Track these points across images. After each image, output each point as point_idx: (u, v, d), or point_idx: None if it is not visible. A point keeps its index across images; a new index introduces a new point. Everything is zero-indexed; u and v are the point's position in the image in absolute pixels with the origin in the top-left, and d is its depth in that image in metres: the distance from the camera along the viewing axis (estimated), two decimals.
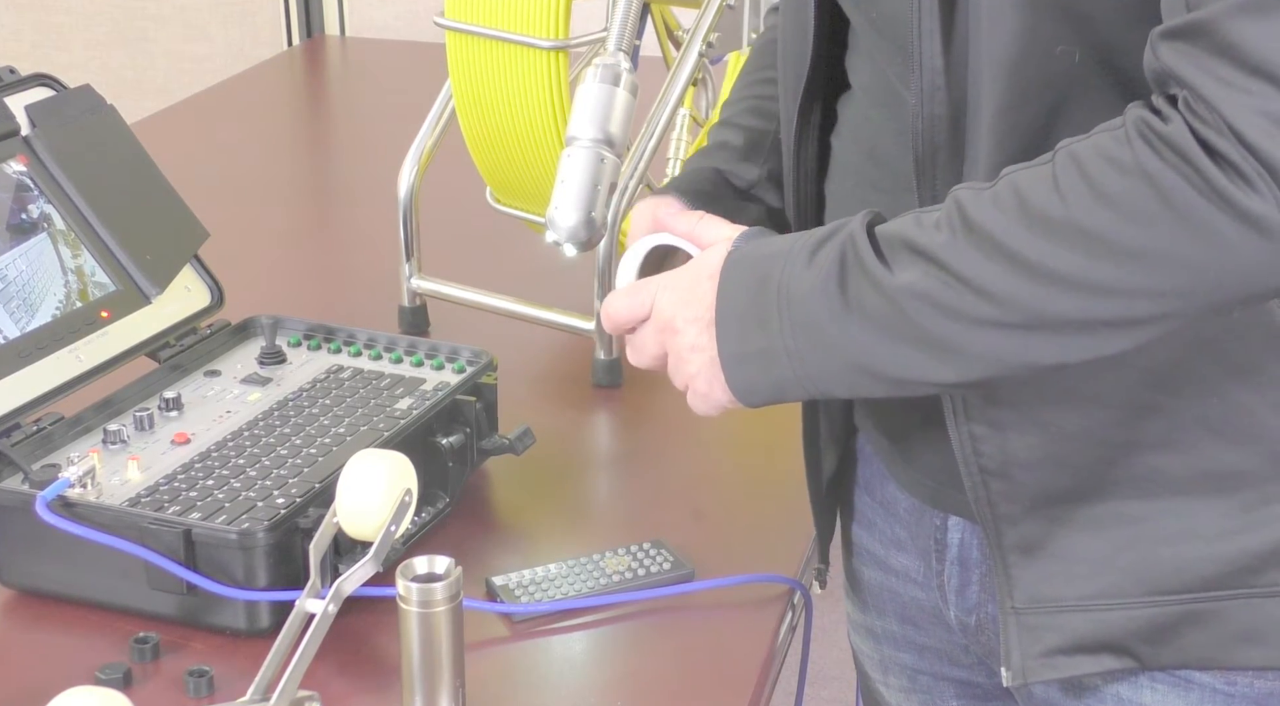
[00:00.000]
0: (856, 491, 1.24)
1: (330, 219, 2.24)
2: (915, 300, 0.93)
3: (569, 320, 1.66)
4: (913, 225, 0.95)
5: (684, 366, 1.04)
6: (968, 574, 1.12)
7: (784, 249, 1.00)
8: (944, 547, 1.13)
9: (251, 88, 2.81)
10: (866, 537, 1.24)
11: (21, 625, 1.24)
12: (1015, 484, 1.03)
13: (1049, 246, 0.89)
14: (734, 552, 1.32)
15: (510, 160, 1.65)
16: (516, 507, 1.42)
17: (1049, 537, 1.04)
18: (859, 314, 0.95)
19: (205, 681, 1.14)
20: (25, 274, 1.36)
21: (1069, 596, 1.05)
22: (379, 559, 1.09)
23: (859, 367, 0.96)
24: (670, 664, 1.20)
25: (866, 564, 1.24)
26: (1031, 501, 1.04)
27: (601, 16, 1.66)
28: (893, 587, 1.21)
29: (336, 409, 1.37)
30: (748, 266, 1.01)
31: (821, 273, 0.96)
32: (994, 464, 1.03)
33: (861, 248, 0.95)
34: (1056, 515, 1.04)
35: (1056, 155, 0.91)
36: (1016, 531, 1.05)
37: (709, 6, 1.65)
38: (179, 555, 1.17)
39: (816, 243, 0.98)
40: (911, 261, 0.93)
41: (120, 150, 1.51)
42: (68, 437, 1.31)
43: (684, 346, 1.03)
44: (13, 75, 1.47)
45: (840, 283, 0.95)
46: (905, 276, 0.93)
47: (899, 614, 1.22)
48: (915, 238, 0.94)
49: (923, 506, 1.14)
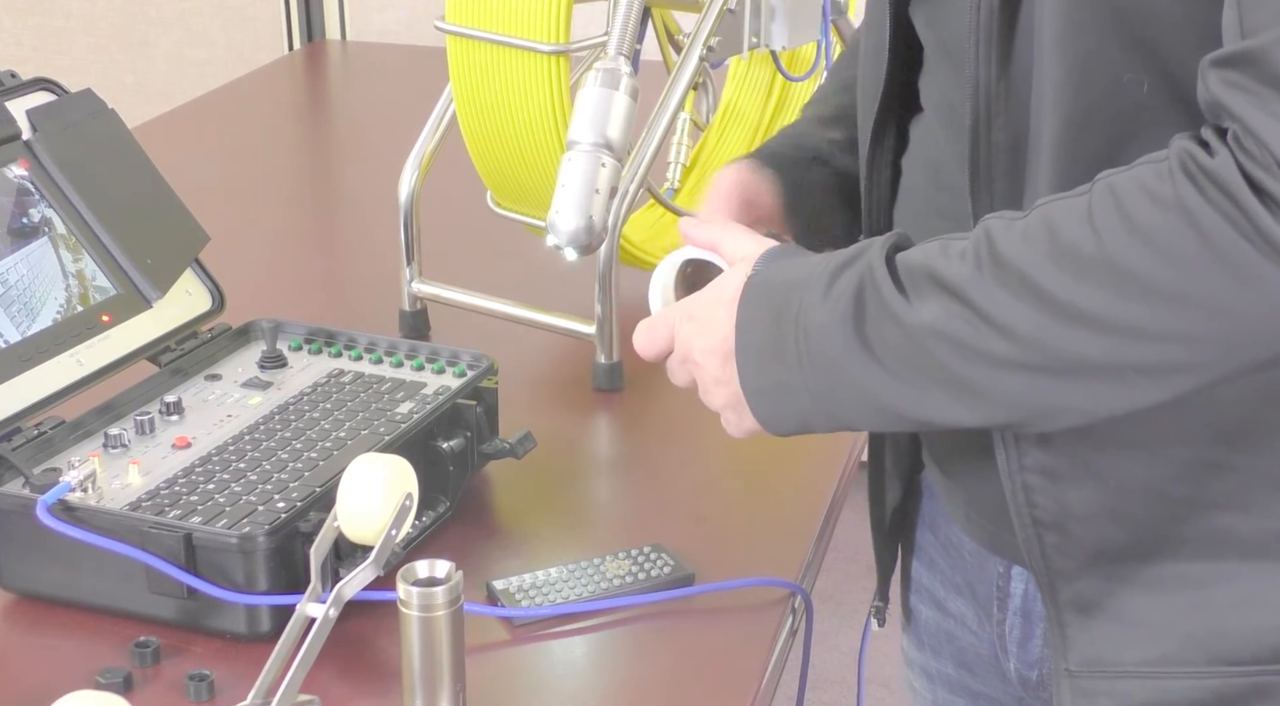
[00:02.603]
0: (920, 528, 1.20)
1: (331, 223, 2.24)
2: (936, 338, 0.89)
3: (570, 324, 1.66)
4: (938, 254, 0.90)
5: (711, 398, 1.03)
6: (1030, 626, 1.08)
7: (802, 276, 0.96)
8: (1006, 597, 1.09)
9: (252, 92, 2.81)
10: (927, 576, 1.20)
11: (22, 629, 1.24)
12: (1071, 538, 0.98)
13: (1077, 284, 0.85)
14: (735, 556, 1.32)
15: (511, 164, 1.65)
16: (517, 511, 1.42)
17: (1107, 596, 0.99)
18: (878, 351, 0.91)
19: (206, 685, 1.14)
20: (26, 278, 1.36)
21: (1127, 661, 0.99)
22: (379, 563, 1.09)
23: (879, 406, 0.93)
24: (671, 668, 1.20)
25: (925, 602, 1.21)
26: (1088, 557, 0.99)
27: (602, 21, 1.66)
28: (949, 630, 1.18)
29: (337, 413, 1.37)
30: (766, 294, 0.97)
31: (838, 305, 0.92)
32: (1048, 516, 0.98)
33: (880, 279, 0.91)
34: (1115, 573, 0.98)
35: (1094, 187, 0.86)
36: (1072, 588, 0.99)
37: (709, 11, 1.65)
38: (180, 559, 1.17)
39: (835, 269, 0.94)
40: (934, 295, 0.89)
41: (121, 154, 1.51)
42: (68, 441, 1.31)
43: (708, 379, 1.01)
44: (14, 79, 1.47)
45: (857, 317, 0.91)
46: (926, 312, 0.89)
47: (955, 657, 1.19)
48: (939, 269, 0.89)
49: (985, 552, 1.10)
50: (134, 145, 1.52)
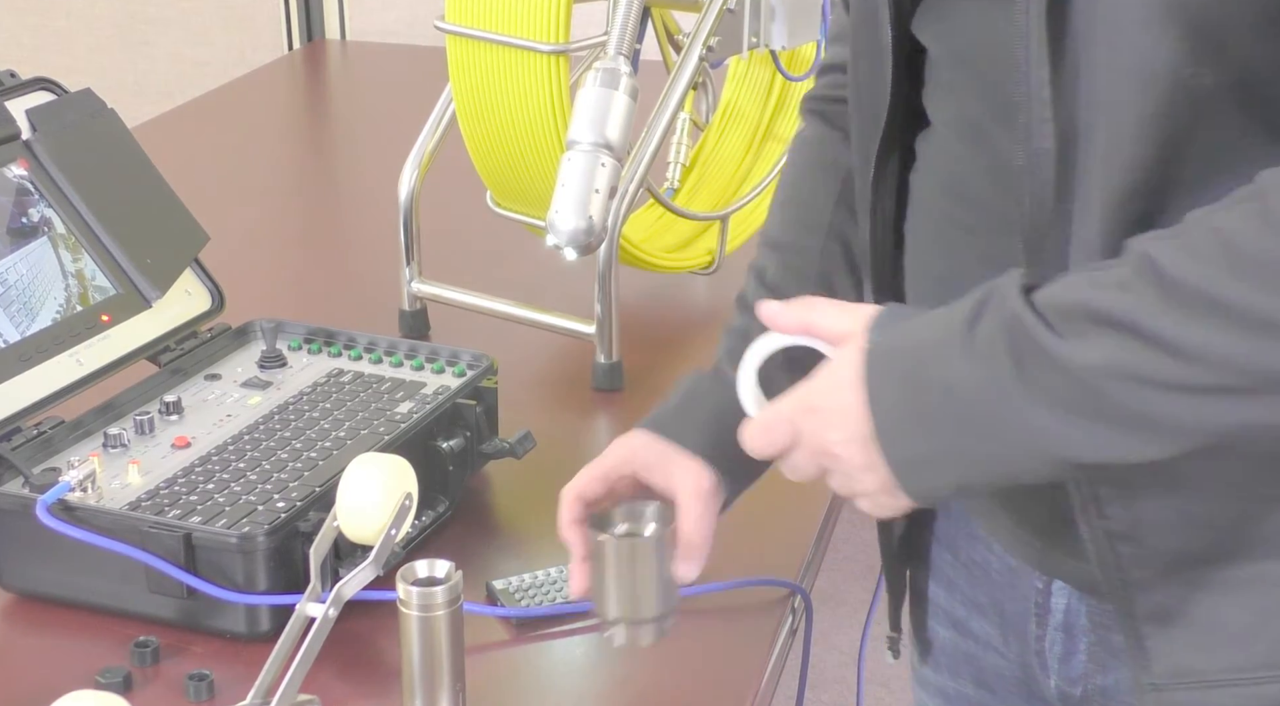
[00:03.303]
0: (935, 548, 1.17)
1: (331, 222, 2.24)
2: (1111, 377, 0.84)
3: (569, 324, 1.66)
4: (1088, 289, 0.86)
5: (856, 485, 0.95)
6: (1073, 642, 1.05)
7: (931, 338, 0.90)
8: (1046, 612, 1.06)
9: (252, 92, 2.81)
10: (944, 597, 1.17)
11: (22, 629, 1.24)
12: (1147, 547, 0.95)
13: (1264, 294, 0.80)
14: (734, 556, 1.32)
15: (511, 164, 1.65)
16: (517, 511, 1.42)
17: (1188, 604, 0.95)
18: (1044, 402, 0.86)
19: (205, 685, 1.14)
20: (26, 278, 1.36)
21: (1215, 669, 0.96)
22: (379, 563, 1.09)
23: (1049, 458, 0.88)
24: (670, 667, 1.20)
25: (942, 623, 1.18)
26: (1166, 565, 0.95)
27: (602, 20, 1.66)
28: (969, 651, 1.16)
29: (337, 412, 1.37)
30: (892, 364, 0.92)
31: (988, 362, 0.87)
32: (1122, 526, 0.95)
33: (1031, 326, 0.86)
34: (1195, 579, 0.95)
35: (1264, 189, 0.82)
36: (1150, 599, 0.96)
37: (709, 10, 1.65)
38: (179, 559, 1.17)
39: (967, 322, 0.89)
40: (1097, 333, 0.84)
41: (121, 154, 1.51)
42: (68, 441, 1.31)
43: (852, 469, 0.94)
44: (13, 79, 1.47)
45: (1016, 371, 0.86)
46: (1093, 351, 0.84)
47: (974, 678, 1.17)
48: (1098, 304, 0.84)
49: (1020, 569, 1.07)
50: (134, 145, 1.52)
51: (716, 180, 1.93)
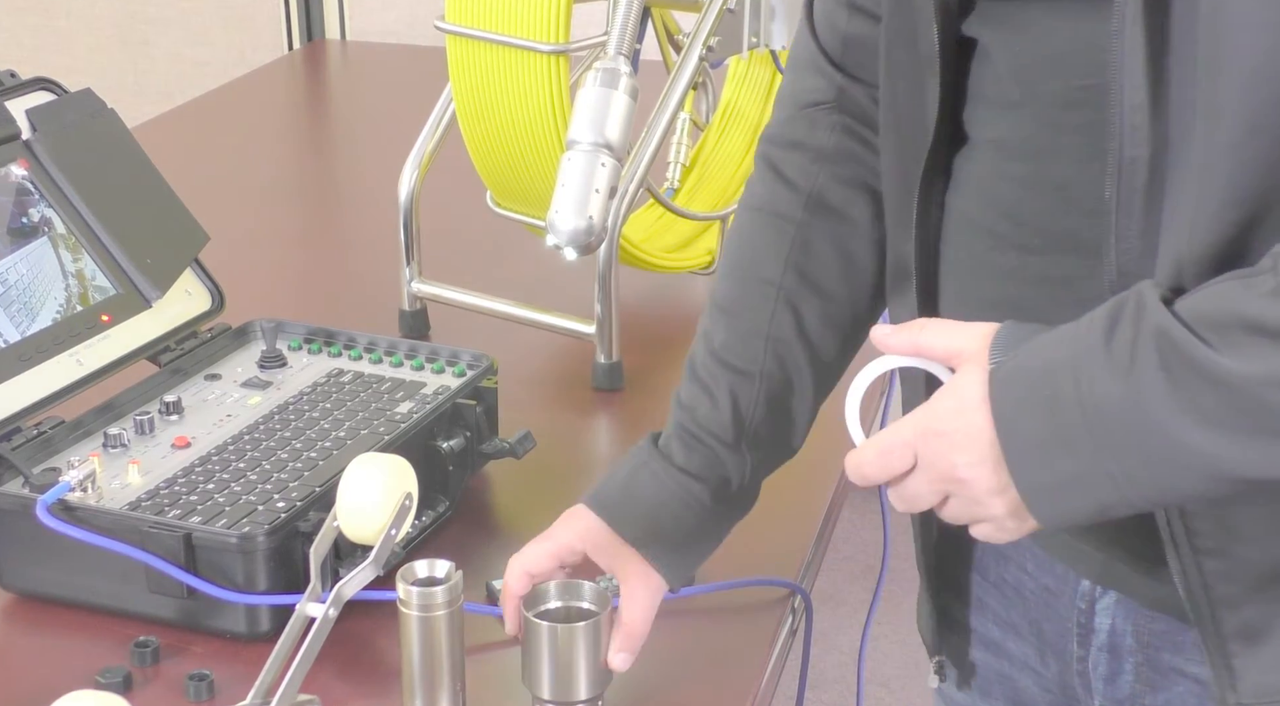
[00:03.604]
0: (968, 571, 1.15)
1: (331, 222, 2.25)
2: (1273, 388, 0.81)
3: (569, 324, 1.66)
4: (1238, 298, 0.82)
5: (981, 510, 0.91)
6: (1119, 662, 1.04)
7: (1065, 355, 0.86)
8: (1089, 632, 1.05)
9: (252, 92, 2.81)
10: (976, 619, 1.16)
11: (22, 629, 1.24)
12: (1236, 562, 0.92)
13: None
14: (734, 556, 1.32)
15: (511, 164, 1.66)
16: (517, 511, 1.42)
17: (1276, 619, 0.93)
18: (1200, 417, 0.82)
19: (205, 685, 1.14)
20: (26, 278, 1.36)
21: None
22: (379, 563, 1.09)
23: (1208, 476, 0.84)
24: (670, 667, 1.20)
25: (974, 646, 1.17)
26: (1255, 580, 0.93)
27: (602, 20, 1.66)
28: (1004, 672, 1.15)
29: (337, 412, 1.37)
30: (1023, 384, 0.88)
31: (1134, 378, 0.84)
32: (1211, 542, 0.92)
33: (1182, 338, 0.82)
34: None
35: None
36: (1237, 617, 0.93)
37: (709, 10, 1.65)
38: (179, 559, 1.18)
39: (1104, 338, 0.85)
40: (1254, 343, 0.81)
41: (121, 154, 1.51)
42: (68, 441, 1.31)
43: (981, 493, 0.90)
44: (13, 79, 1.47)
45: (1168, 386, 0.83)
46: (1252, 363, 0.81)
47: (1009, 698, 1.15)
48: (1252, 313, 0.81)
49: (1059, 589, 1.06)
50: (134, 145, 1.52)
51: (716, 180, 1.93)
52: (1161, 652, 1.02)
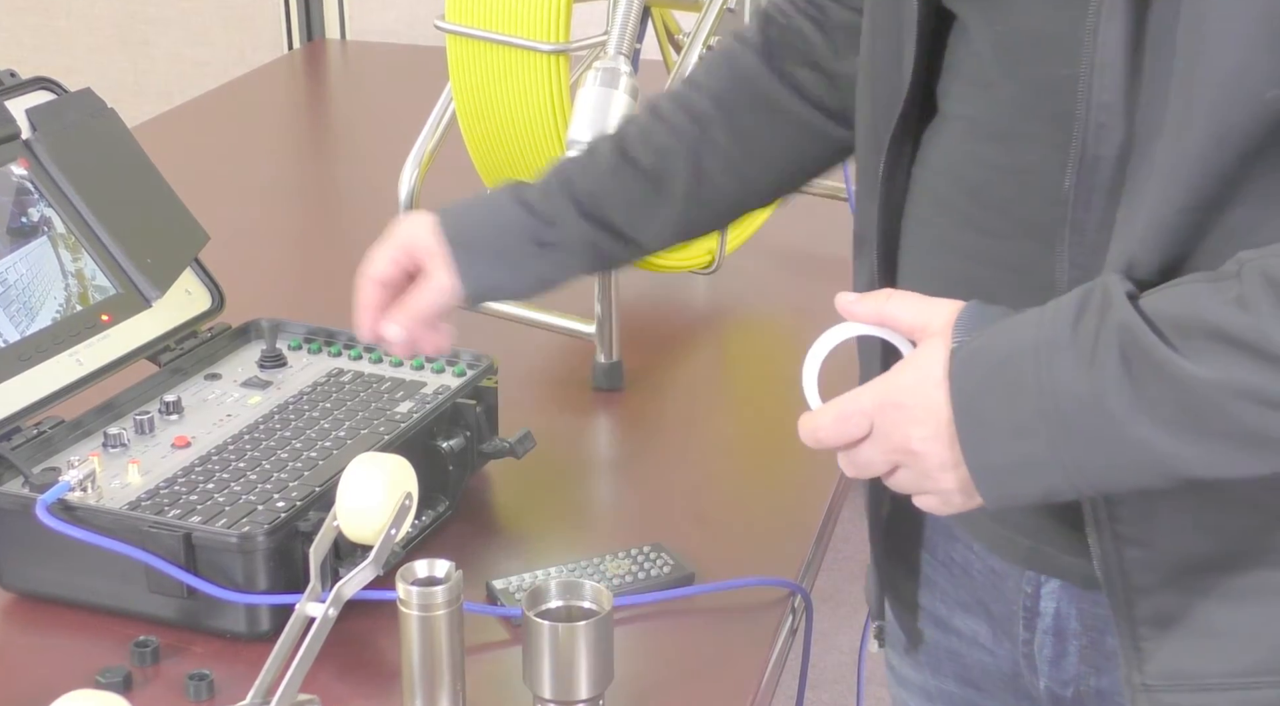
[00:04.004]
0: (920, 552, 1.16)
1: (331, 222, 2.24)
2: (1230, 395, 0.83)
3: (569, 323, 1.66)
4: (1205, 302, 0.84)
5: (929, 483, 0.93)
6: (1064, 645, 1.05)
7: (1029, 342, 0.88)
8: (1035, 616, 1.06)
9: (252, 91, 2.81)
10: (926, 597, 1.17)
11: (21, 628, 1.24)
12: (1155, 552, 0.95)
13: None
14: (735, 556, 1.32)
15: (511, 164, 1.65)
16: (517, 511, 1.42)
17: (1188, 609, 0.95)
18: (1155, 415, 0.84)
19: (205, 685, 1.14)
20: (26, 277, 1.36)
21: (1212, 673, 0.95)
22: (379, 562, 1.09)
23: (1158, 473, 0.87)
24: (671, 667, 1.20)
25: (925, 623, 1.18)
26: (1171, 571, 0.95)
27: (602, 20, 1.66)
28: (954, 649, 1.16)
29: (337, 412, 1.37)
30: (986, 367, 0.89)
31: (1096, 369, 0.85)
32: (1133, 531, 0.94)
33: (1143, 336, 0.84)
34: (1197, 585, 0.95)
35: None
36: (1150, 603, 0.96)
37: (709, 10, 1.65)
38: (179, 558, 1.17)
39: (1069, 328, 0.87)
40: (1214, 350, 0.83)
41: (121, 154, 1.51)
42: (68, 441, 1.31)
43: (932, 467, 0.92)
44: (13, 79, 1.47)
45: (1127, 381, 0.84)
46: (1210, 368, 0.83)
47: (959, 676, 1.16)
48: (1215, 320, 0.83)
49: (1006, 572, 1.07)
50: (134, 145, 1.52)
51: None
52: (1105, 636, 1.03)
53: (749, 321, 1.89)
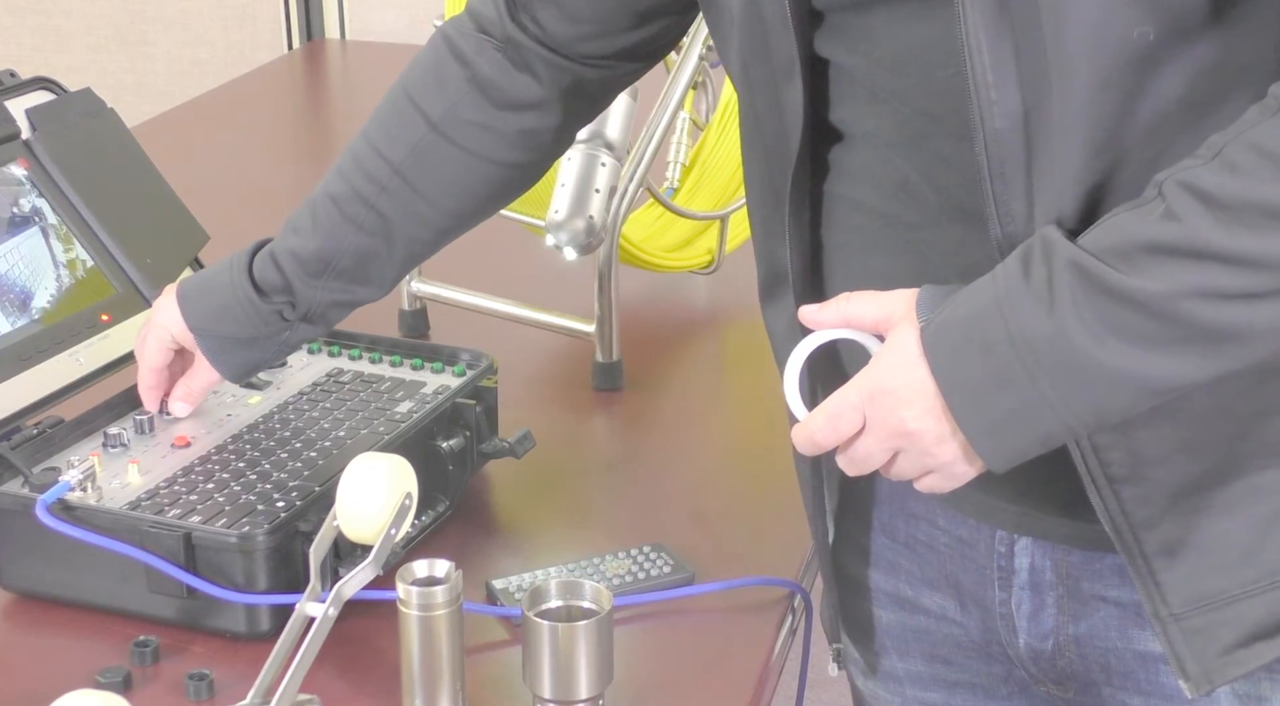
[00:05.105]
0: (872, 535, 1.18)
1: None
2: (1187, 301, 0.87)
3: (569, 323, 1.66)
4: (1133, 227, 0.89)
5: (930, 460, 0.96)
6: (1041, 597, 1.08)
7: (988, 300, 0.92)
8: (1010, 574, 1.08)
9: (252, 91, 2.81)
10: (884, 581, 1.18)
11: (21, 628, 1.24)
12: (1149, 484, 0.98)
13: None
14: (734, 555, 1.32)
15: None
16: (516, 511, 1.42)
17: (1190, 531, 0.99)
18: (1124, 339, 0.89)
19: (205, 685, 1.14)
20: (24, 276, 1.36)
21: (1233, 585, 0.99)
22: (379, 562, 1.09)
23: (1138, 391, 0.91)
24: (670, 667, 1.20)
25: (884, 607, 1.19)
26: (1167, 499, 0.99)
27: None
28: (919, 627, 1.17)
29: (337, 412, 1.37)
30: (955, 335, 0.93)
31: (1058, 307, 0.89)
32: (1124, 470, 0.98)
33: (1094, 269, 0.89)
34: (1195, 506, 0.99)
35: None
36: (1156, 535, 0.99)
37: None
38: (179, 558, 1.17)
39: (1022, 279, 0.91)
40: (1159, 263, 0.88)
41: (121, 153, 1.51)
42: (68, 441, 1.31)
43: (930, 443, 0.95)
44: (13, 79, 1.47)
45: (1091, 314, 0.89)
46: (1158, 281, 0.88)
47: (925, 653, 1.18)
48: (1151, 237, 0.88)
49: (974, 539, 1.09)
50: (134, 145, 1.52)
51: (716, 180, 1.93)
52: (1081, 582, 1.06)
53: (749, 321, 1.88)
